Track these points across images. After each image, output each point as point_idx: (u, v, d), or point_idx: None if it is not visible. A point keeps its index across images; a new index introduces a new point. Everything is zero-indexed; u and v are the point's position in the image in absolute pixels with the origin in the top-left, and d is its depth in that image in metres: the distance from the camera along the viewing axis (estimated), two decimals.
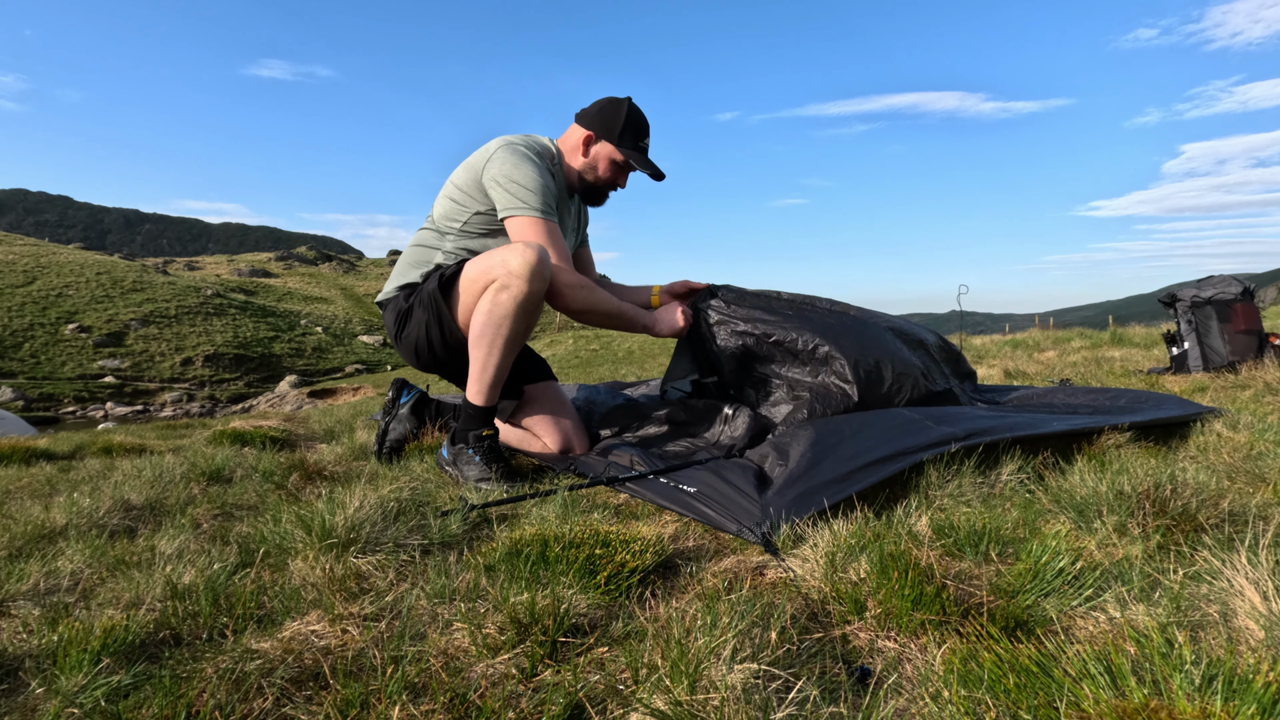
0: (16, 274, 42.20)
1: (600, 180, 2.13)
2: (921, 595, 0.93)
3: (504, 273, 1.78)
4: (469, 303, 1.90)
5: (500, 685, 0.83)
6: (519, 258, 1.76)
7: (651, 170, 2.12)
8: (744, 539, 1.32)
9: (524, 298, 1.78)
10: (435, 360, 2.06)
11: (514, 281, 1.77)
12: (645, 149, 2.13)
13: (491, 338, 1.82)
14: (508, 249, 1.81)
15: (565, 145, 2.13)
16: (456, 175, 2.06)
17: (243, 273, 66.47)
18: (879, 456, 1.54)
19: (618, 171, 2.13)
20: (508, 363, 1.88)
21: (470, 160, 2.04)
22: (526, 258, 1.76)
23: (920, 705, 0.76)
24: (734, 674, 0.77)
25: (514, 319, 1.80)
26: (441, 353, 2.02)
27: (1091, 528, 1.26)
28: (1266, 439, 1.90)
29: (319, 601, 1.08)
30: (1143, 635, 0.79)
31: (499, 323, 1.81)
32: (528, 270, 1.76)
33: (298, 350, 42.27)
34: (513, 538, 1.22)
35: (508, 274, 1.77)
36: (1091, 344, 6.33)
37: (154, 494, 1.83)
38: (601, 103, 2.10)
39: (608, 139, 2.07)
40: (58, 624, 1.01)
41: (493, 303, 1.80)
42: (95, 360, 34.90)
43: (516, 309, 1.79)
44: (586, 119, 2.10)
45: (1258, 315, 3.67)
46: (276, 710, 0.80)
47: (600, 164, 2.10)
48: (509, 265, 1.77)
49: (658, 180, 2.18)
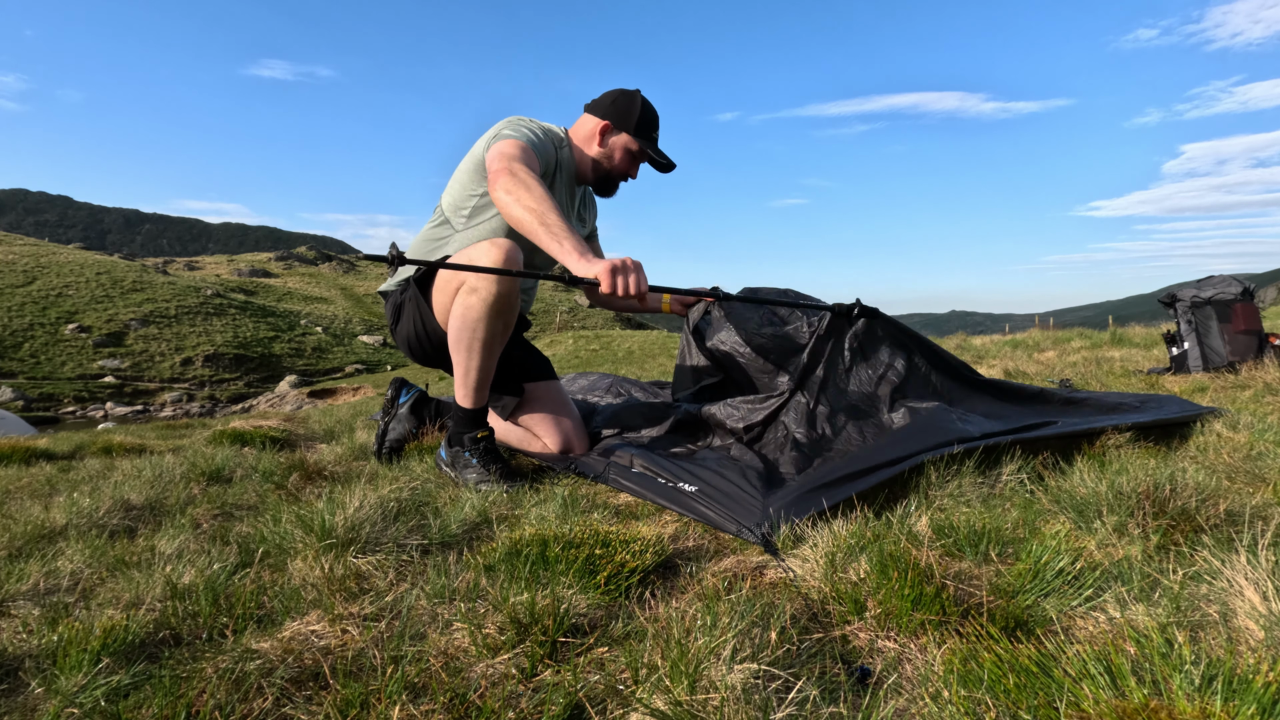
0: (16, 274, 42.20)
1: (615, 170, 2.13)
2: (921, 595, 0.93)
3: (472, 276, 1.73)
4: (444, 302, 1.88)
5: (500, 685, 0.83)
6: (483, 257, 1.70)
7: (665, 161, 2.14)
8: (744, 539, 1.32)
9: (493, 299, 1.73)
10: (426, 354, 2.06)
11: (481, 283, 1.72)
12: (656, 140, 2.15)
13: (469, 341, 1.80)
14: (475, 247, 1.74)
15: (578, 134, 2.13)
16: (461, 165, 2.06)
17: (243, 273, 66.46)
18: (881, 461, 1.54)
19: (632, 162, 2.14)
20: (490, 363, 1.85)
21: (473, 148, 2.04)
22: (491, 256, 1.68)
23: (920, 705, 0.76)
24: (734, 674, 0.77)
25: (487, 320, 1.77)
26: (430, 349, 2.02)
27: (1091, 528, 1.26)
28: (1266, 439, 1.90)
29: (319, 601, 1.08)
30: (1142, 635, 0.79)
31: (473, 326, 1.77)
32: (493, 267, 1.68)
33: (298, 350, 42.26)
34: (512, 538, 1.22)
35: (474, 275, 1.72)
36: (1091, 344, 6.33)
37: (154, 494, 1.83)
38: (614, 94, 2.11)
39: (624, 129, 2.08)
40: (57, 624, 1.01)
41: (464, 306, 1.77)
42: (95, 360, 34.89)
43: (488, 311, 1.75)
44: (600, 109, 2.10)
45: (1258, 315, 3.67)
46: (276, 710, 0.80)
47: (617, 153, 2.11)
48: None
49: (668, 171, 2.18)
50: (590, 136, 2.10)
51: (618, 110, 2.08)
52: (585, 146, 2.11)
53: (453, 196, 2.04)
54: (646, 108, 2.10)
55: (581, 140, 2.12)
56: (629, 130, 2.07)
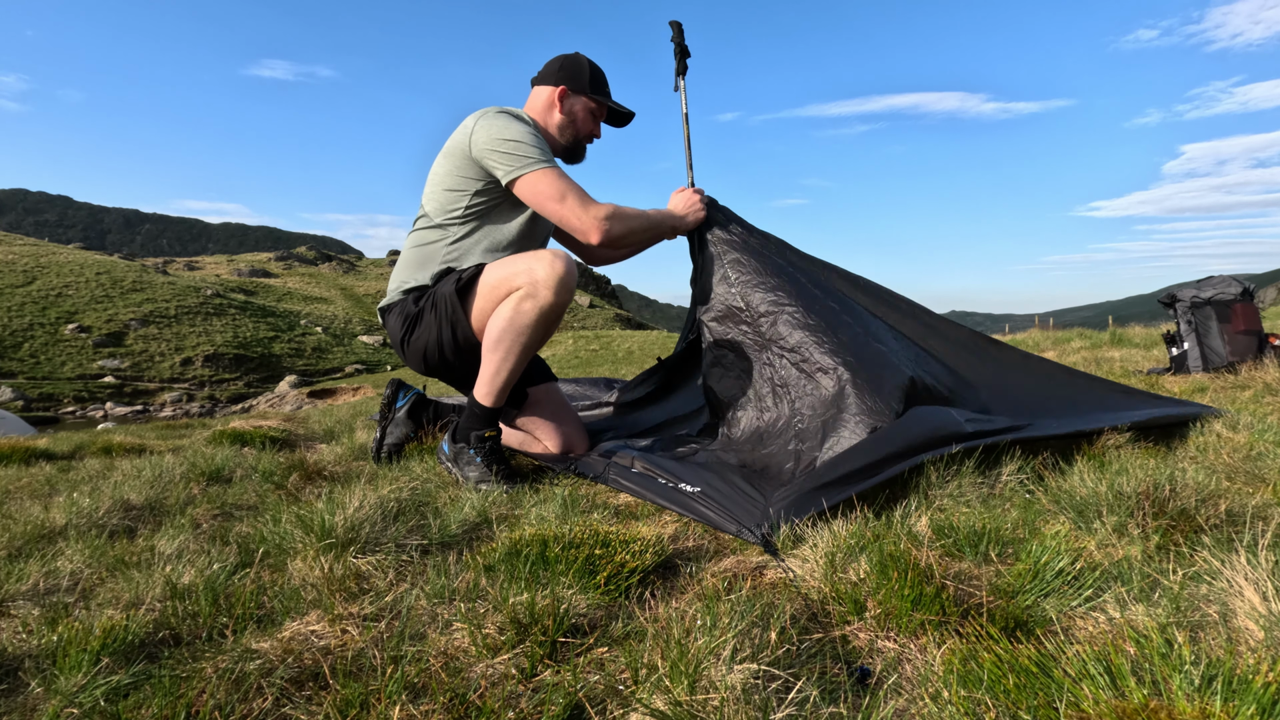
0: (16, 274, 42.20)
1: (580, 133, 2.16)
2: (921, 596, 0.93)
3: (529, 282, 1.78)
4: (487, 307, 1.89)
5: (500, 685, 0.83)
6: (547, 268, 1.77)
7: (624, 110, 2.18)
8: (743, 539, 1.32)
9: (549, 308, 1.79)
10: (444, 364, 2.04)
11: (540, 291, 1.78)
12: (609, 95, 2.18)
13: (510, 344, 1.83)
14: (534, 257, 1.80)
15: (535, 109, 2.12)
16: (440, 165, 2.02)
17: (242, 273, 66.47)
18: (880, 456, 1.53)
19: (594, 121, 2.17)
20: (521, 368, 1.89)
21: (450, 145, 2.00)
22: (555, 269, 1.77)
23: (920, 705, 0.76)
24: (734, 674, 0.77)
25: (535, 328, 1.81)
26: (452, 357, 2.00)
27: (1091, 528, 1.26)
28: (1266, 439, 1.90)
29: (319, 601, 1.08)
30: (1142, 636, 0.79)
31: (520, 330, 1.81)
32: (555, 282, 1.77)
33: (297, 350, 42.26)
34: (512, 538, 1.22)
35: (533, 283, 1.78)
36: (1091, 344, 6.32)
37: (154, 494, 1.83)
38: (559, 60, 2.13)
39: (580, 91, 2.11)
40: (57, 624, 1.01)
41: (516, 310, 1.80)
42: (95, 360, 34.90)
43: (539, 318, 1.80)
44: (551, 78, 2.11)
45: (1257, 316, 3.67)
46: (276, 710, 0.80)
47: (579, 115, 2.13)
48: (535, 275, 1.78)
49: (628, 121, 2.23)
50: (549, 106, 2.11)
51: (568, 74, 2.10)
52: (545, 118, 2.12)
53: (437, 200, 2.01)
54: (594, 66, 2.14)
55: (540, 113, 2.12)
56: (584, 91, 2.11)
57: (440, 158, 2.03)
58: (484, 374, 1.88)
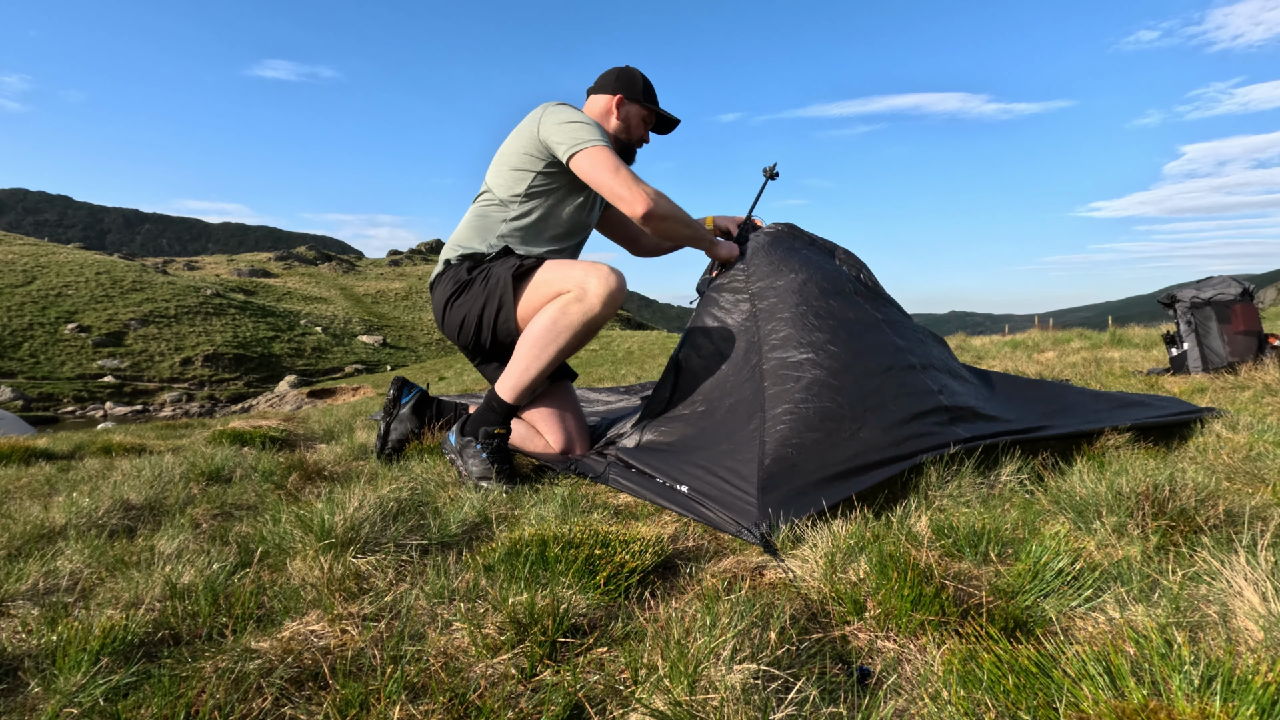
0: (16, 274, 42.19)
1: (632, 137, 2.26)
2: (921, 596, 0.93)
3: (580, 289, 1.85)
4: (535, 301, 1.94)
5: (500, 685, 0.83)
6: (600, 281, 1.84)
7: (672, 118, 2.31)
8: (743, 539, 1.32)
9: (593, 318, 1.86)
10: (476, 340, 2.08)
11: (589, 299, 1.85)
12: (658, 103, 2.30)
13: (546, 344, 1.87)
14: (591, 267, 1.87)
15: (594, 113, 2.23)
16: (508, 146, 2.11)
17: (242, 273, 66.45)
18: (881, 458, 1.53)
19: (645, 127, 2.28)
20: (549, 371, 1.92)
21: (520, 129, 2.10)
22: (608, 283, 1.84)
23: (920, 705, 0.76)
24: (733, 674, 0.77)
25: (574, 333, 1.87)
26: (487, 334, 2.05)
27: (1091, 528, 1.26)
28: (1265, 440, 1.90)
29: (318, 601, 1.08)
30: (1142, 636, 0.79)
31: (560, 332, 1.86)
32: (605, 294, 1.84)
33: (297, 350, 42.26)
34: (512, 538, 1.22)
35: (583, 291, 1.85)
36: (1091, 344, 6.33)
37: (153, 494, 1.83)
38: (615, 71, 2.25)
39: (633, 99, 2.22)
40: (57, 624, 1.00)
41: (562, 311, 1.86)
42: (95, 360, 34.90)
43: (583, 326, 1.87)
44: (608, 87, 2.23)
45: (1257, 316, 3.67)
46: (276, 710, 0.80)
47: (633, 122, 2.24)
48: (587, 285, 1.84)
49: (675, 126, 2.34)
50: (607, 112, 2.22)
51: (623, 84, 2.22)
52: (603, 122, 2.23)
53: (502, 178, 2.10)
54: (645, 78, 2.27)
55: (598, 117, 2.23)
56: (638, 100, 2.22)
57: (510, 139, 2.13)
58: (513, 368, 1.91)
